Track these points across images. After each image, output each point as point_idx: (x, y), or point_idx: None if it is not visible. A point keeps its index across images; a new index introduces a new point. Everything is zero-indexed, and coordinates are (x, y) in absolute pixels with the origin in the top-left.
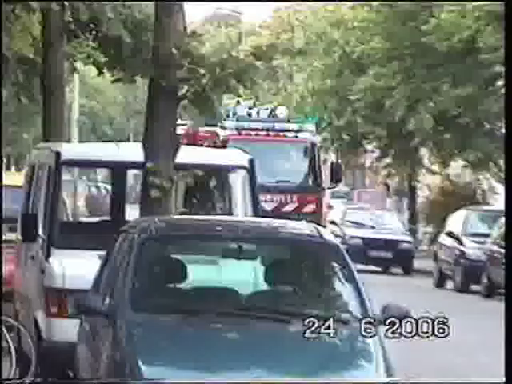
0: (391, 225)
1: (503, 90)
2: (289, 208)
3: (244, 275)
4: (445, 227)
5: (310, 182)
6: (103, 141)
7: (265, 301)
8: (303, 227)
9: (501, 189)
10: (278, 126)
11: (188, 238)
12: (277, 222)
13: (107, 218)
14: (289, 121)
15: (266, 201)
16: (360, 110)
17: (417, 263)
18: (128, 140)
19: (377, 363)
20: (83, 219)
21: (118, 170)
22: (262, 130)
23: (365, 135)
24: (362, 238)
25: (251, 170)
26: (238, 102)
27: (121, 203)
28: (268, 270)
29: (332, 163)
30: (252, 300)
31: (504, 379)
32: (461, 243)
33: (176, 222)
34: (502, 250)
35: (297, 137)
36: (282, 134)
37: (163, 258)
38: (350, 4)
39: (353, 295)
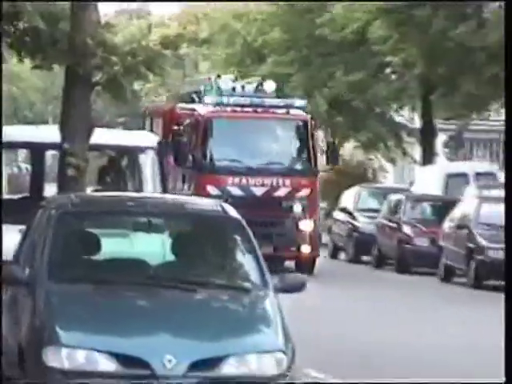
0: None
1: (393, 77)
2: (281, 193)
3: (153, 247)
4: (338, 203)
5: (305, 163)
6: (24, 124)
7: (172, 271)
8: (208, 203)
9: (389, 167)
10: (266, 101)
11: (101, 213)
12: (183, 198)
13: (27, 195)
14: (278, 96)
15: (255, 185)
16: None
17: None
18: (47, 123)
19: (275, 328)
20: (5, 196)
21: (37, 151)
22: (250, 105)
23: None
24: None
25: (159, 151)
26: (219, 75)
27: (40, 182)
28: (175, 242)
29: (328, 143)
30: (160, 270)
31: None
32: (353, 218)
33: (90, 198)
34: (391, 224)
35: (288, 113)
36: (271, 110)
37: (78, 232)
38: None
39: (253, 266)
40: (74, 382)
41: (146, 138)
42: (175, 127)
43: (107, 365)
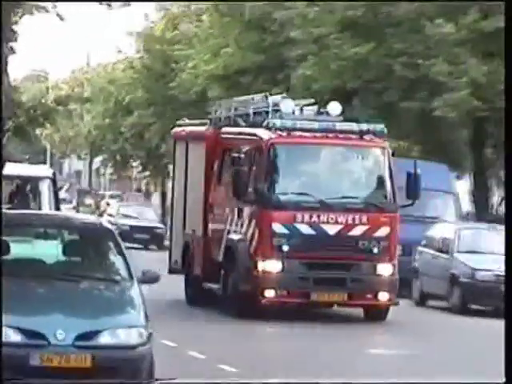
0: (149, 216)
1: None
2: (357, 231)
3: (49, 250)
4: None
5: (383, 197)
6: None
7: (62, 267)
8: (89, 217)
9: None
10: (338, 125)
11: (10, 225)
12: (70, 215)
13: None
14: (350, 120)
15: (328, 222)
16: (129, 139)
17: (167, 242)
18: None
19: (138, 309)
20: None
21: None
22: (318, 130)
23: (131, 156)
24: (130, 226)
25: (54, 179)
26: (266, 96)
27: None
28: (64, 246)
29: (409, 174)
30: (54, 267)
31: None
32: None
33: (3, 214)
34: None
35: (362, 139)
36: (343, 135)
37: None
38: (122, 67)
39: (122, 264)
40: None
41: (44, 170)
42: (231, 154)
43: (15, 337)
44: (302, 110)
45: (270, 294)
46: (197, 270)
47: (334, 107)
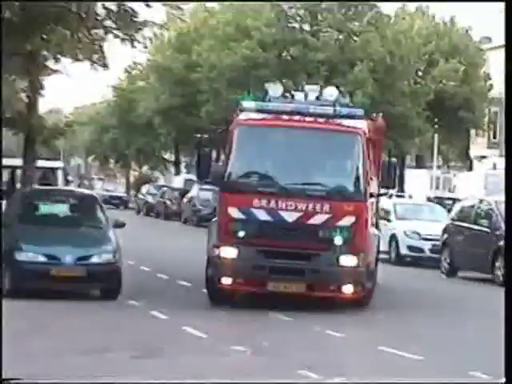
0: (119, 190)
1: None
2: (317, 220)
3: (62, 209)
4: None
5: (351, 185)
6: None
7: (69, 219)
8: (84, 191)
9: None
10: (318, 109)
11: (40, 195)
12: (74, 189)
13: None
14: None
15: (286, 209)
16: (109, 146)
17: (131, 205)
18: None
19: (113, 243)
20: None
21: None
22: (296, 113)
23: (109, 156)
24: (108, 195)
25: (64, 169)
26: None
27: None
28: (70, 207)
29: (384, 162)
30: (64, 219)
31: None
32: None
33: (37, 189)
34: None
35: (342, 124)
36: (321, 119)
37: (30, 201)
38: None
39: (103, 217)
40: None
41: (59, 163)
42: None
43: (41, 258)
44: (291, 94)
45: (226, 281)
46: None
47: (330, 92)
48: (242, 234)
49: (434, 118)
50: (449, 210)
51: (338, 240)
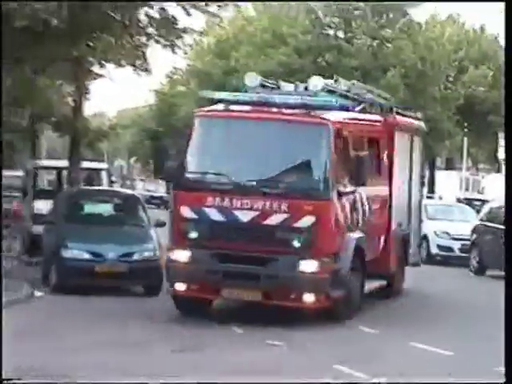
0: (160, 190)
1: None
2: (274, 220)
3: (106, 209)
4: None
5: (312, 183)
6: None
7: (113, 218)
8: (127, 191)
9: None
10: (291, 99)
11: (84, 194)
12: (117, 189)
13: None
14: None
15: (241, 208)
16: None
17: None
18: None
19: (154, 241)
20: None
21: (58, 170)
22: (263, 104)
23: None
24: (149, 195)
25: (108, 170)
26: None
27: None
28: (114, 206)
29: (357, 158)
30: (108, 218)
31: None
32: None
33: (82, 189)
34: None
35: (307, 115)
36: (290, 110)
37: (76, 202)
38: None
39: (144, 216)
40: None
41: (103, 165)
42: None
43: (86, 255)
44: (263, 85)
45: (180, 287)
46: None
47: (315, 82)
48: (194, 235)
49: (464, 122)
50: (477, 211)
51: (297, 243)
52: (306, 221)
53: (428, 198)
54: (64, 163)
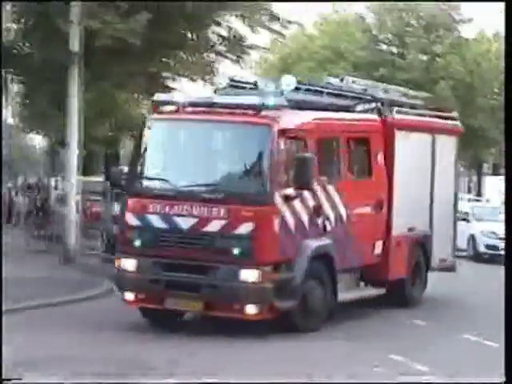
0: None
1: None
2: (213, 227)
3: None
4: None
5: (253, 186)
6: None
7: None
8: None
9: None
10: (242, 99)
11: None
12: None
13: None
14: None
15: (180, 214)
16: None
17: None
18: None
19: None
20: None
21: None
22: (210, 105)
23: None
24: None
25: None
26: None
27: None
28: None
29: (296, 159)
30: None
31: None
32: None
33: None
34: None
35: (257, 116)
36: (230, 111)
37: None
38: None
39: None
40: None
41: None
42: None
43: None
44: (231, 85)
45: (129, 296)
46: None
47: (287, 81)
48: (138, 243)
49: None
50: None
51: (236, 251)
52: (245, 227)
53: (476, 201)
54: None
